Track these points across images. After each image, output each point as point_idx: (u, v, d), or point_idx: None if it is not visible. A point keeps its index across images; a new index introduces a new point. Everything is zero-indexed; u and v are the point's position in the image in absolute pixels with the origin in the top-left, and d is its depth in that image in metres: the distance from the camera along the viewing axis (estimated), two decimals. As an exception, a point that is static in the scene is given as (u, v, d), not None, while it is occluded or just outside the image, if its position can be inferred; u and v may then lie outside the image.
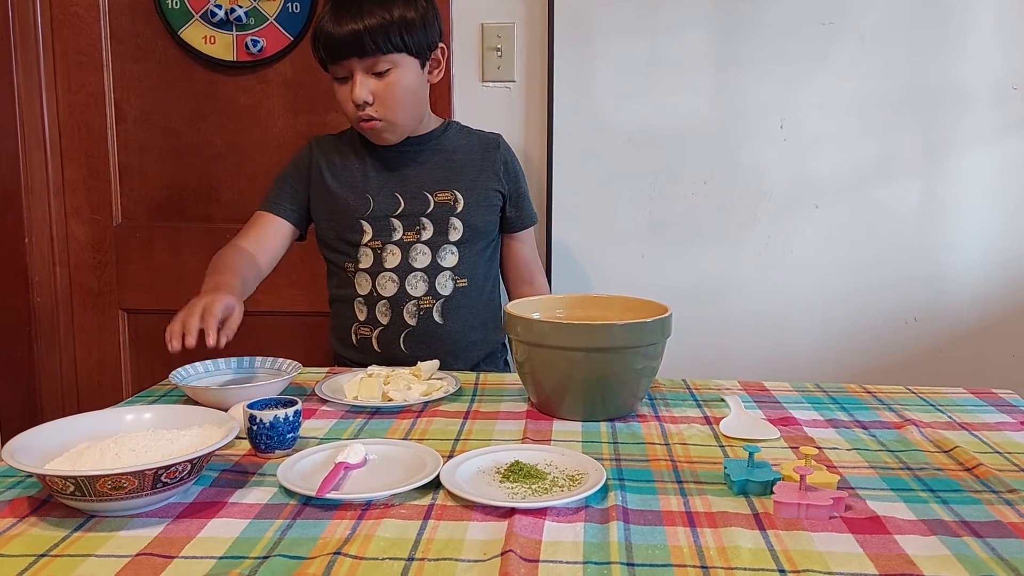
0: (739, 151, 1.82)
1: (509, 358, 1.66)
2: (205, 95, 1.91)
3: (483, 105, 1.83)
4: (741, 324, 1.87)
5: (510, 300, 1.61)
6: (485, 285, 1.56)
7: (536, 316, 1.16)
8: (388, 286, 1.47)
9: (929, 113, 1.78)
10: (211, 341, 1.14)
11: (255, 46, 1.85)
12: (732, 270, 1.85)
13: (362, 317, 1.50)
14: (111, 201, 1.96)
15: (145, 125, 1.93)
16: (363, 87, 1.38)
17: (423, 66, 1.44)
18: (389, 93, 1.39)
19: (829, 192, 1.82)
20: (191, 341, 1.13)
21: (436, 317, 1.49)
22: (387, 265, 1.47)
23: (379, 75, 1.39)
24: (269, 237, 1.48)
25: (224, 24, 1.85)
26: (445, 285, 1.49)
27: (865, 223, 1.82)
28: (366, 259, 1.48)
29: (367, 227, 1.47)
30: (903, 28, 1.75)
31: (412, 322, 1.48)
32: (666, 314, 1.10)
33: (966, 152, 1.79)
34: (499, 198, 1.56)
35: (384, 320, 1.48)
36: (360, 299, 1.49)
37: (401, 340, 1.48)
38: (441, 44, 1.46)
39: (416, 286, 1.47)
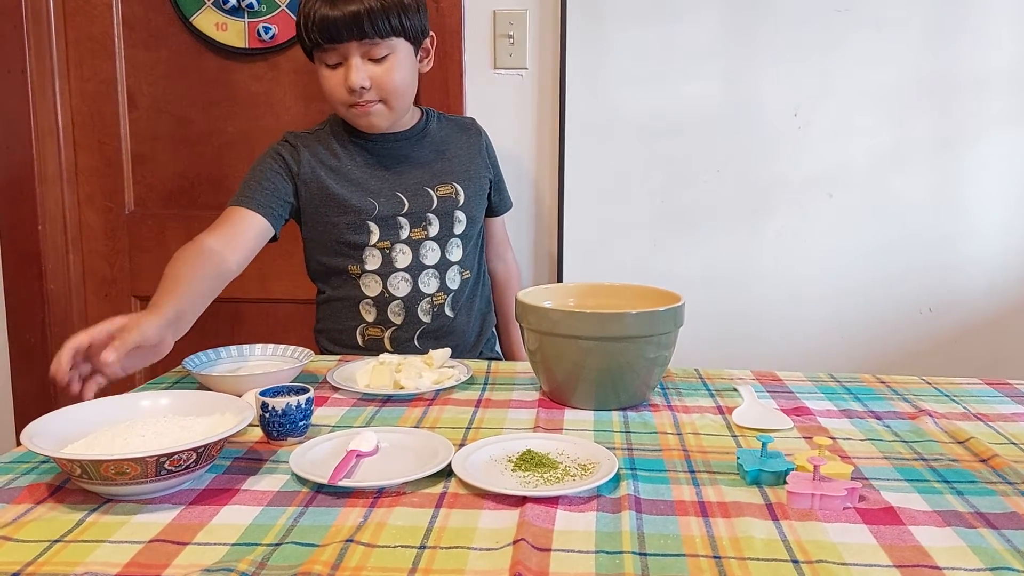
0: (753, 139, 1.80)
1: (498, 346, 1.68)
2: (217, 82, 1.91)
3: (494, 92, 1.82)
4: (754, 314, 1.86)
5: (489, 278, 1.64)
6: (480, 272, 1.58)
7: (548, 304, 1.15)
8: (401, 286, 1.45)
9: (945, 101, 1.76)
10: (74, 390, 0.97)
11: (267, 33, 1.85)
12: (745, 259, 1.84)
13: (370, 318, 1.46)
14: (123, 189, 1.96)
15: (157, 113, 1.94)
16: (360, 72, 1.35)
17: (416, 53, 1.42)
18: (387, 79, 1.36)
19: (843, 181, 1.80)
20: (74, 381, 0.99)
21: (447, 312, 1.49)
22: (398, 265, 1.44)
23: (376, 61, 1.36)
24: (243, 235, 1.35)
25: (236, 11, 1.84)
26: (454, 279, 1.49)
27: (880, 213, 1.81)
28: (373, 260, 1.44)
29: (374, 228, 1.43)
30: (919, 15, 1.73)
31: (427, 319, 1.47)
32: (679, 303, 1.09)
33: (982, 141, 1.77)
34: (488, 184, 1.56)
35: (398, 320, 1.46)
36: (368, 300, 1.46)
37: (415, 338, 1.47)
38: (432, 33, 1.45)
39: (429, 283, 1.46)
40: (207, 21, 1.86)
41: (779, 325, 1.86)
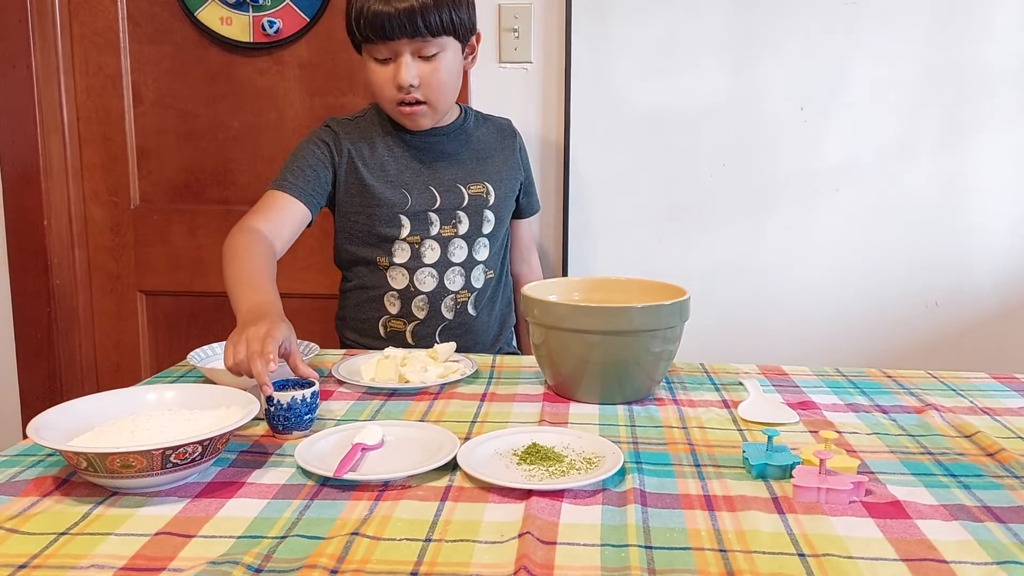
0: (758, 133, 1.79)
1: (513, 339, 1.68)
2: (221, 77, 1.91)
3: (500, 87, 1.82)
4: (760, 308, 1.85)
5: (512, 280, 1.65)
6: (503, 273, 1.59)
7: (553, 299, 1.15)
8: (427, 281, 1.45)
9: (953, 94, 1.75)
10: (267, 392, 0.95)
11: (271, 27, 1.85)
12: (751, 253, 1.84)
13: (394, 311, 1.47)
14: (128, 183, 1.96)
15: (162, 107, 1.94)
16: (410, 69, 1.34)
17: (463, 51, 1.42)
18: (436, 77, 1.36)
19: (850, 175, 1.79)
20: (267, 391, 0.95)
21: (470, 310, 1.49)
22: (426, 260, 1.45)
23: (426, 58, 1.36)
24: (286, 222, 1.36)
25: (240, 5, 1.84)
26: (478, 278, 1.50)
27: (886, 206, 1.80)
28: (402, 254, 1.44)
29: (405, 222, 1.43)
30: (927, 7, 1.72)
31: (449, 316, 1.47)
32: (684, 297, 1.09)
33: (990, 134, 1.76)
34: (519, 186, 1.57)
35: (421, 315, 1.46)
36: (393, 293, 1.46)
37: (437, 333, 1.48)
38: (478, 31, 1.45)
39: (454, 281, 1.47)
40: (212, 15, 1.86)
41: (785, 319, 1.86)
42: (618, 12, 1.77)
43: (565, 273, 1.87)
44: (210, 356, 1.20)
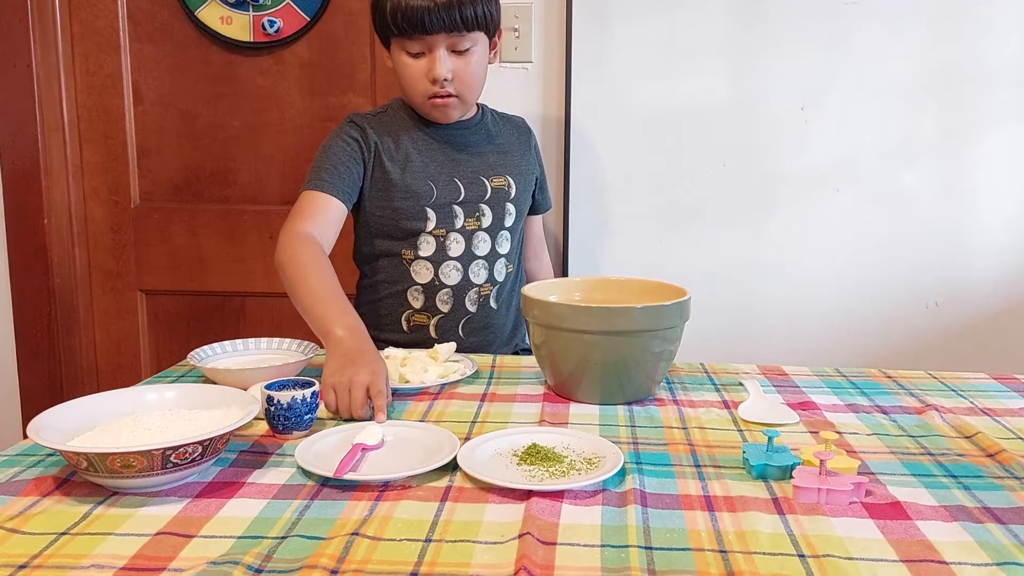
0: (759, 133, 1.79)
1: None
2: (222, 76, 1.91)
3: (500, 86, 1.81)
4: (760, 308, 1.85)
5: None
6: (519, 268, 1.60)
7: (553, 299, 1.15)
8: (452, 275, 1.45)
9: (952, 94, 1.75)
10: (381, 418, 1.00)
11: (272, 27, 1.84)
12: (751, 253, 1.84)
13: (417, 305, 1.46)
14: (129, 183, 1.96)
15: (162, 107, 1.94)
16: (445, 63, 1.35)
17: (489, 47, 1.44)
18: (468, 72, 1.38)
19: (850, 175, 1.79)
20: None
21: (492, 303, 1.50)
22: (451, 254, 1.45)
23: (459, 53, 1.37)
24: (331, 223, 1.36)
25: (241, 4, 1.84)
26: (500, 272, 1.50)
27: (886, 207, 1.80)
28: (427, 247, 1.44)
29: (431, 214, 1.43)
30: (927, 8, 1.72)
31: (473, 309, 1.48)
32: (685, 297, 1.09)
33: (990, 134, 1.76)
34: (535, 182, 1.59)
35: (445, 308, 1.46)
36: (417, 287, 1.46)
37: (460, 327, 1.48)
38: (500, 28, 1.46)
39: (479, 274, 1.47)
40: (212, 15, 1.86)
41: (785, 319, 1.86)
42: (618, 12, 1.77)
43: (566, 273, 1.87)
44: (210, 356, 1.20)
